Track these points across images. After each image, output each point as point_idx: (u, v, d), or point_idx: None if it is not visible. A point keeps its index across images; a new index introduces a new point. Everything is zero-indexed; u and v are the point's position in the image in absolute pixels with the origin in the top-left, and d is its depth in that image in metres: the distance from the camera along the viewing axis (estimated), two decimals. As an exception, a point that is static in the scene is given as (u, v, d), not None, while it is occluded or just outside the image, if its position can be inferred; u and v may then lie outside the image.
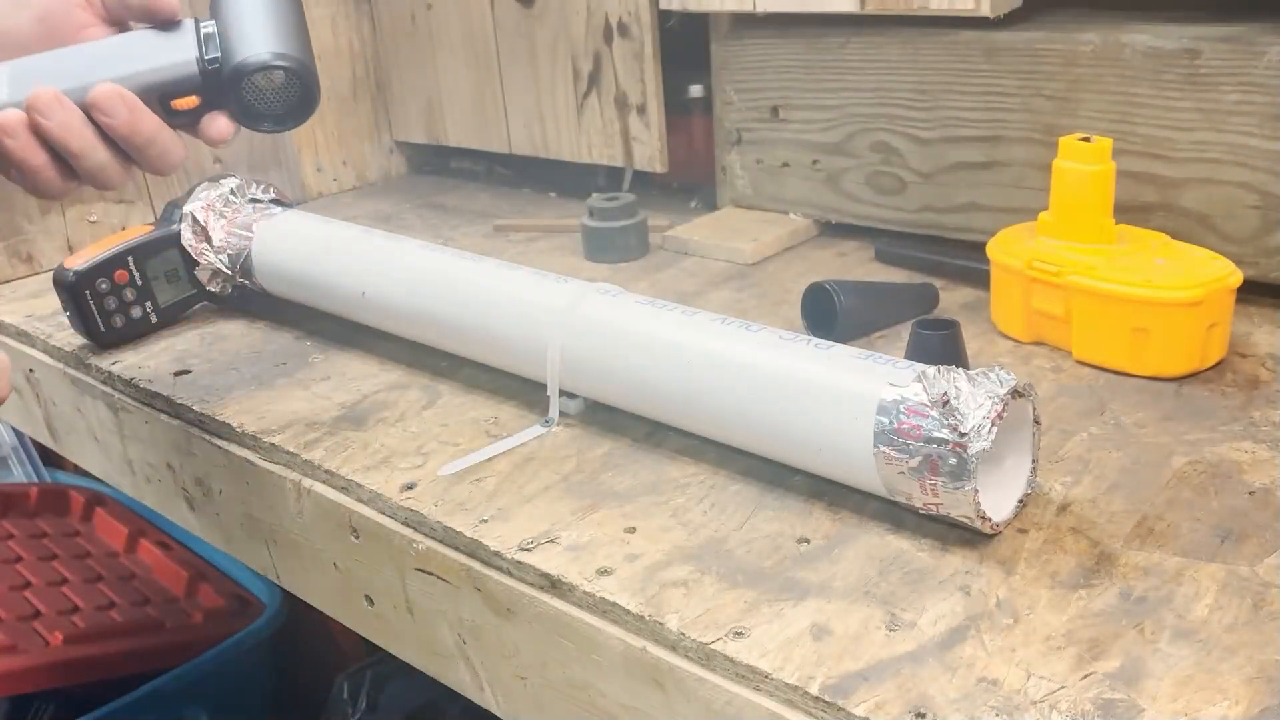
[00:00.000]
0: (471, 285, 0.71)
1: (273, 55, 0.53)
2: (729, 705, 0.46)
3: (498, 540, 0.55)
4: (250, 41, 0.53)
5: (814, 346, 0.57)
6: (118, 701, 1.07)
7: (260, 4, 0.54)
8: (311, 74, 0.54)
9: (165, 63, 0.53)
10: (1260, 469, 0.57)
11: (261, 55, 0.52)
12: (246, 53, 0.53)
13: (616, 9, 1.00)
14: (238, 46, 0.53)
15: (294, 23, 0.55)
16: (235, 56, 0.53)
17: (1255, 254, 0.74)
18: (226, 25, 0.54)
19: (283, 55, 0.53)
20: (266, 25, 0.53)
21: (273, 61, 0.53)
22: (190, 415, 0.73)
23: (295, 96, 0.54)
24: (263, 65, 0.52)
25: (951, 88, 0.85)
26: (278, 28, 0.53)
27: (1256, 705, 0.42)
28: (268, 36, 0.53)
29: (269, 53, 0.53)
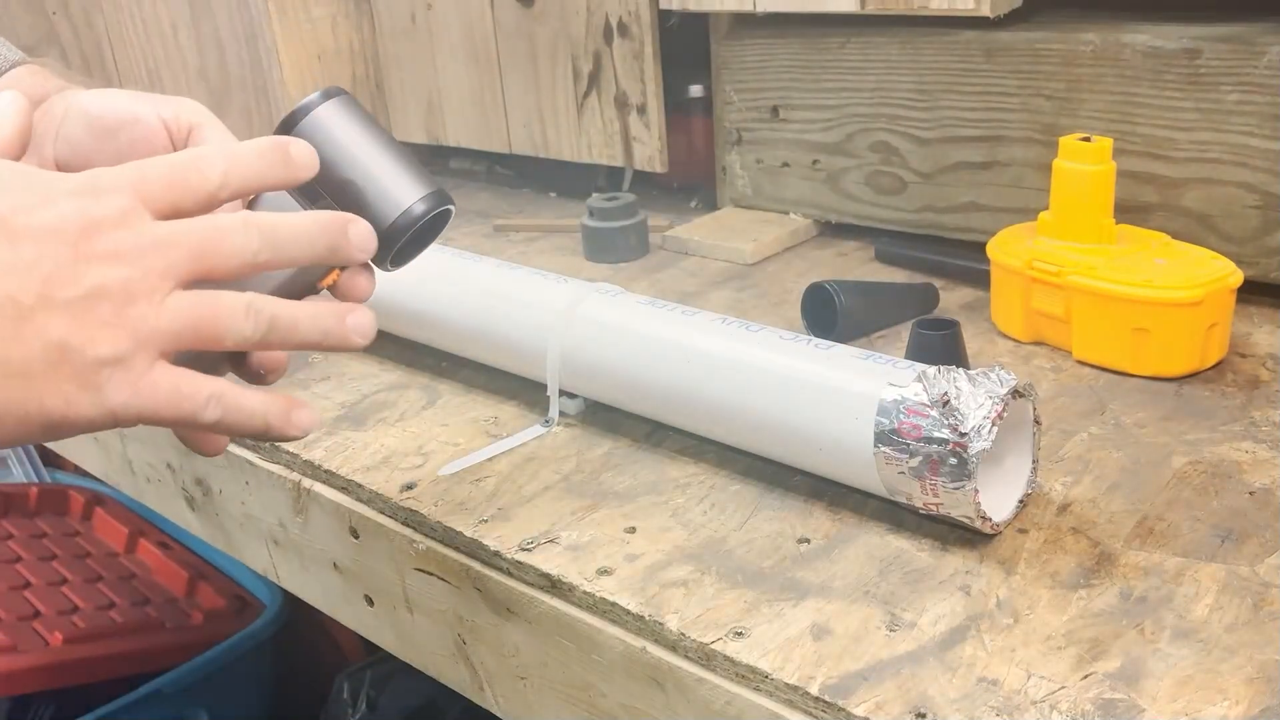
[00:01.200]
0: (471, 285, 0.71)
1: (419, 200, 0.49)
2: (729, 705, 0.46)
3: (498, 540, 0.55)
4: (393, 195, 0.48)
5: (814, 346, 0.57)
6: (118, 701, 1.07)
7: (376, 152, 0.49)
8: (447, 193, 0.51)
9: None
10: (1260, 469, 0.57)
11: (415, 207, 0.48)
12: (394, 210, 0.48)
13: (616, 9, 1.00)
14: (379, 203, 0.48)
15: (406, 154, 0.50)
16: (383, 216, 0.48)
17: (1255, 254, 0.74)
18: (348, 186, 0.48)
19: (426, 196, 0.49)
20: (398, 172, 0.49)
21: (429, 208, 0.49)
22: (190, 415, 0.73)
23: (440, 219, 0.51)
24: (421, 215, 0.49)
25: (951, 88, 0.85)
26: (405, 168, 0.49)
27: (1256, 705, 0.42)
28: (406, 184, 0.49)
29: (417, 199, 0.49)
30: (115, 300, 0.39)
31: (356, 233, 0.45)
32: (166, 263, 0.40)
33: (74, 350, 0.39)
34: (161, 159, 0.42)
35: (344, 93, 0.50)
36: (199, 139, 0.49)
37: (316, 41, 1.18)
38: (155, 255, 0.40)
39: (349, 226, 0.45)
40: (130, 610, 1.18)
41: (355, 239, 0.45)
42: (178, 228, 0.41)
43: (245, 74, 1.17)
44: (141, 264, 0.40)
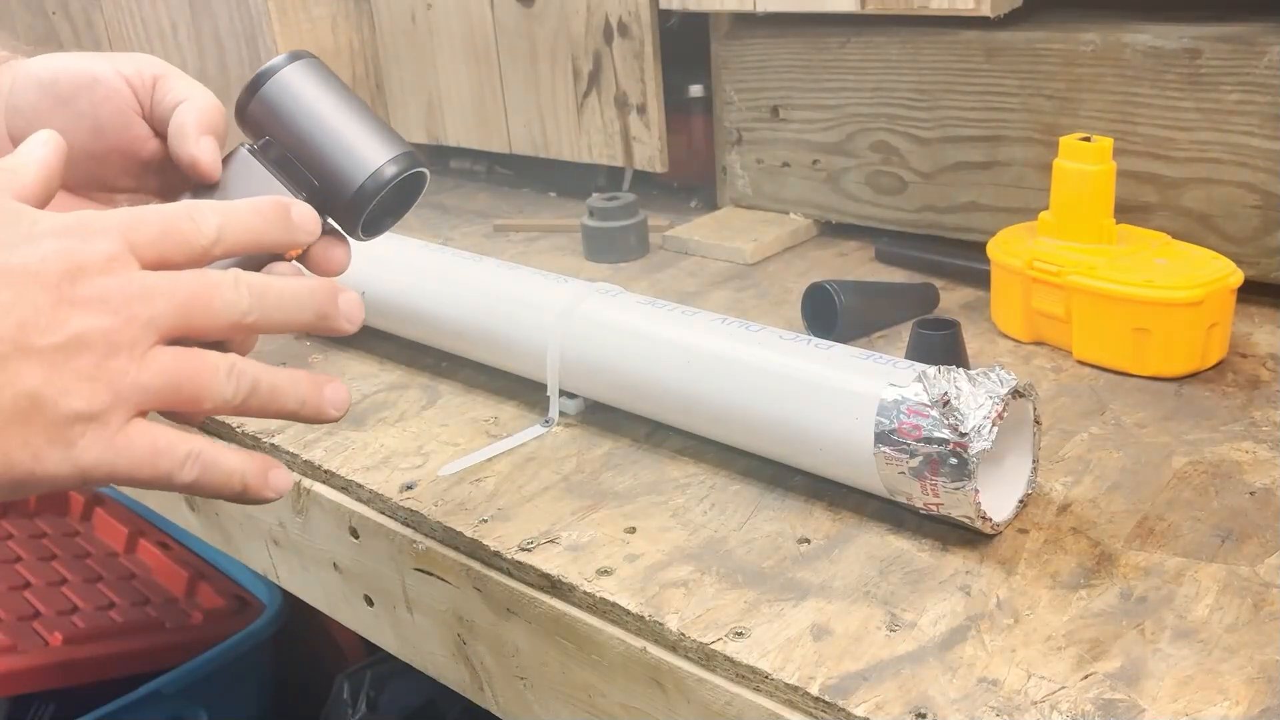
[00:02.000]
0: (471, 285, 0.71)
1: (389, 162, 0.46)
2: (729, 705, 0.46)
3: (498, 540, 0.55)
4: (361, 158, 0.46)
5: (814, 346, 0.57)
6: (118, 701, 1.07)
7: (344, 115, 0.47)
8: (419, 156, 0.48)
9: None
10: (1261, 469, 0.57)
11: (385, 169, 0.46)
12: (363, 172, 0.46)
13: (616, 9, 1.00)
14: (347, 166, 0.46)
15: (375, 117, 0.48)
16: (351, 179, 0.46)
17: (1256, 254, 0.74)
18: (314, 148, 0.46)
19: (396, 158, 0.47)
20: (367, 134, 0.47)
21: (399, 170, 0.47)
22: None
23: (414, 186, 0.49)
24: (391, 178, 0.46)
25: (952, 87, 0.85)
26: (375, 130, 0.47)
27: (1257, 705, 0.42)
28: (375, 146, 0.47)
29: (386, 161, 0.46)
30: (96, 351, 0.37)
31: (346, 301, 0.43)
32: (151, 314, 0.38)
33: (47, 402, 0.36)
34: (155, 207, 0.40)
35: (310, 55, 0.48)
36: (166, 89, 0.47)
37: (316, 41, 1.18)
38: (140, 305, 0.38)
39: (339, 296, 0.43)
40: (130, 610, 1.18)
41: (345, 308, 0.43)
42: (166, 279, 0.39)
43: (245, 74, 1.16)
44: (125, 313, 0.37)
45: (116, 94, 0.47)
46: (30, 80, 0.48)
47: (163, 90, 0.47)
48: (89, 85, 0.47)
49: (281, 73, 0.47)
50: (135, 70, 0.47)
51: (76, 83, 0.47)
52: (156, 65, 0.48)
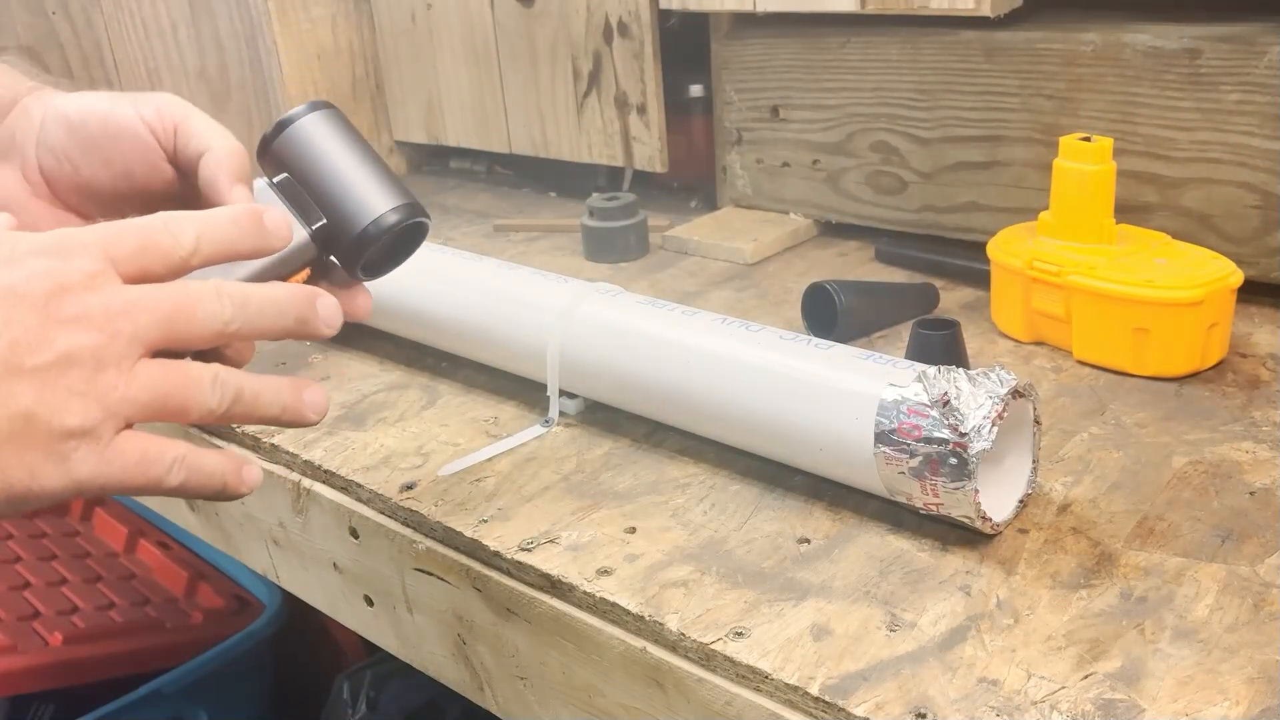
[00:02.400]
0: (471, 285, 0.71)
1: (391, 210, 0.49)
2: (729, 705, 0.46)
3: (498, 540, 0.55)
4: (367, 202, 0.49)
5: (814, 346, 0.57)
6: (118, 701, 1.07)
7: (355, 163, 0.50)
8: (422, 207, 0.51)
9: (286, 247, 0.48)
10: (1261, 469, 0.57)
11: (387, 216, 0.49)
12: (366, 217, 0.49)
13: (616, 9, 1.00)
14: (353, 209, 0.49)
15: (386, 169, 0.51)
16: (355, 221, 0.49)
17: (1256, 254, 0.74)
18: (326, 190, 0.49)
19: (399, 207, 0.49)
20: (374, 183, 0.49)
21: (400, 219, 0.49)
22: (190, 415, 0.73)
23: (415, 235, 0.52)
24: (392, 225, 0.49)
25: (952, 88, 0.85)
26: (382, 180, 0.50)
27: (1257, 705, 0.42)
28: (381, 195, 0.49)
29: (389, 209, 0.49)
30: (85, 368, 0.38)
31: (324, 306, 0.45)
32: (135, 328, 0.39)
33: (41, 420, 0.37)
34: (132, 222, 0.41)
35: (331, 106, 0.51)
36: (187, 133, 0.48)
37: (316, 41, 1.18)
38: (125, 320, 0.39)
39: (317, 301, 0.45)
40: (130, 610, 1.18)
41: (323, 313, 0.45)
42: (148, 293, 0.39)
43: (245, 74, 1.17)
44: (110, 329, 0.38)
45: (142, 143, 0.49)
46: (60, 120, 0.50)
47: (185, 135, 0.49)
48: (115, 133, 0.48)
49: (306, 119, 0.50)
50: (157, 114, 0.49)
51: (105, 129, 0.49)
52: (178, 109, 0.49)
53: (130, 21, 1.17)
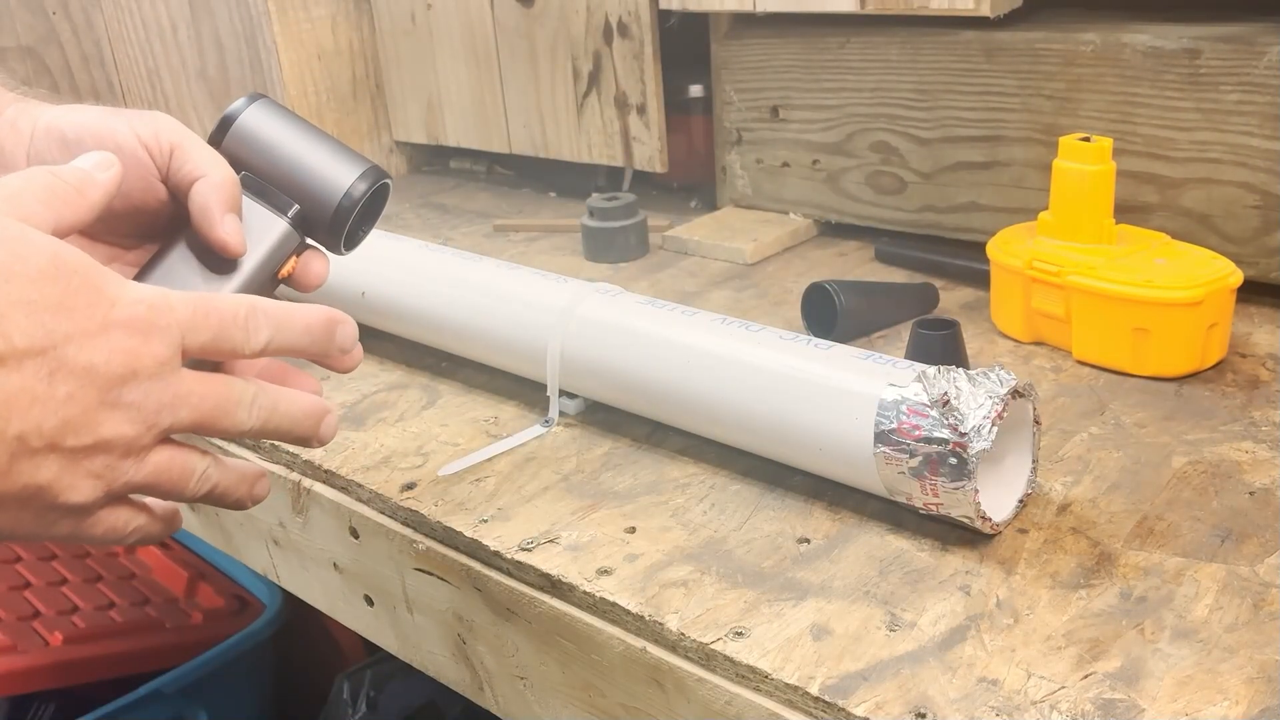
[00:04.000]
0: (471, 285, 0.71)
1: (357, 180, 0.50)
2: (729, 705, 0.46)
3: (498, 540, 0.55)
4: (333, 179, 0.50)
5: (814, 346, 0.57)
6: (118, 701, 1.07)
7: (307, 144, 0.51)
8: (381, 169, 0.52)
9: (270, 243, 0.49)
10: (1260, 469, 0.57)
11: (355, 187, 0.50)
12: (336, 194, 0.50)
13: (616, 9, 1.00)
14: (322, 188, 0.50)
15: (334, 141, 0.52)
16: (328, 199, 0.50)
17: (1255, 254, 0.74)
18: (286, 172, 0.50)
19: (363, 175, 0.50)
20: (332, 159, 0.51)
21: (368, 186, 0.50)
22: (190, 415, 0.73)
23: (380, 196, 0.53)
24: (363, 194, 0.50)
25: (951, 88, 0.85)
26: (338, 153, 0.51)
27: (1256, 705, 0.42)
28: (342, 168, 0.50)
29: (355, 179, 0.50)
30: (113, 454, 0.39)
31: (326, 425, 0.46)
32: (172, 422, 0.40)
33: (50, 494, 0.38)
34: (217, 308, 0.41)
35: (263, 96, 0.52)
36: (183, 157, 0.49)
37: (316, 41, 1.18)
38: (168, 414, 0.40)
39: (325, 418, 0.46)
40: (130, 610, 1.18)
41: (324, 431, 0.46)
42: (197, 388, 0.41)
43: (245, 74, 1.17)
44: (151, 422, 0.39)
45: (138, 163, 0.49)
46: (54, 135, 0.49)
47: (179, 160, 0.49)
48: (113, 152, 0.48)
49: (246, 113, 0.51)
50: (153, 136, 0.49)
51: (102, 147, 0.48)
52: (174, 132, 0.49)
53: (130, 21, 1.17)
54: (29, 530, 0.39)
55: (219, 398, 0.41)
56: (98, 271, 0.39)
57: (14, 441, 0.36)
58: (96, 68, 1.17)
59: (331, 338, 0.45)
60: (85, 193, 0.42)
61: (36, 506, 0.38)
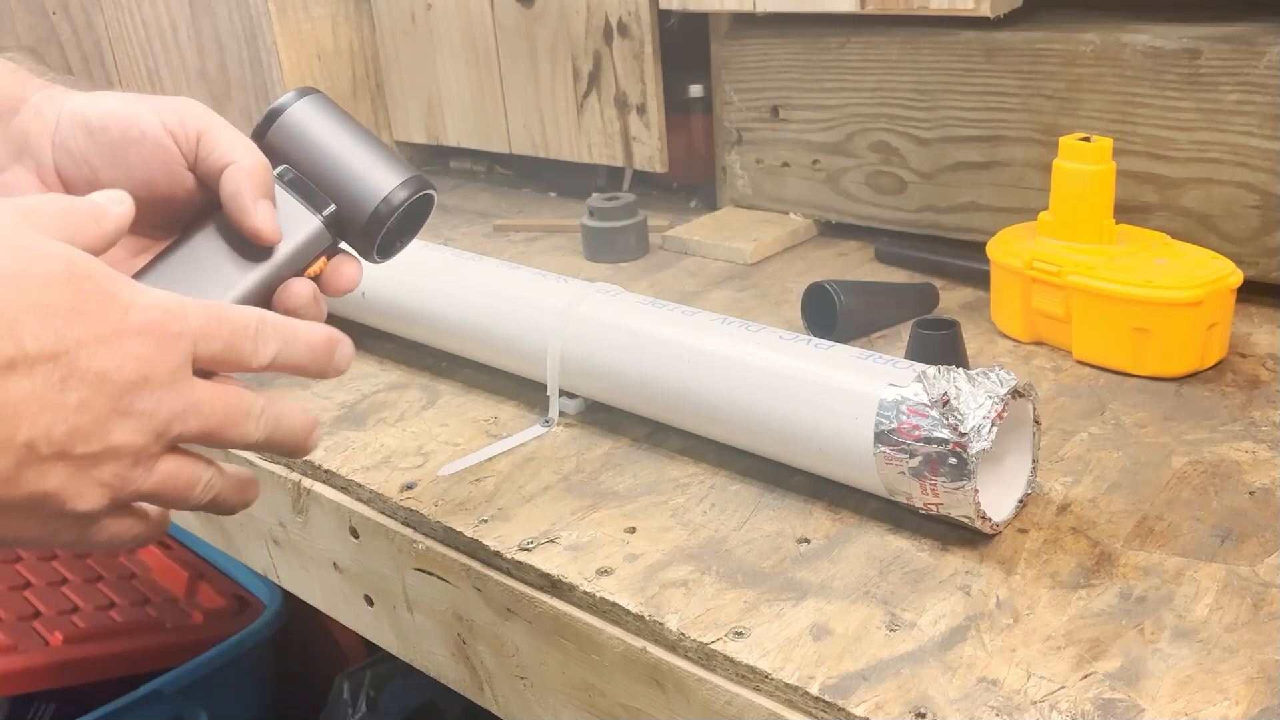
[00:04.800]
0: (471, 285, 0.71)
1: (399, 187, 0.49)
2: (729, 705, 0.46)
3: (498, 540, 0.55)
4: (373, 183, 0.48)
5: (814, 346, 0.57)
6: (118, 701, 1.07)
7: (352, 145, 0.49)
8: (426, 179, 0.51)
9: (301, 239, 0.48)
10: (1260, 469, 0.57)
11: (395, 194, 0.48)
12: (375, 198, 0.48)
13: (616, 9, 1.00)
14: (360, 191, 0.48)
15: (382, 145, 0.51)
16: (366, 203, 0.48)
17: (1255, 254, 0.74)
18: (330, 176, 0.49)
19: (405, 182, 0.49)
20: (376, 162, 0.49)
21: (409, 194, 0.49)
22: (190, 415, 0.73)
23: (423, 207, 0.51)
24: (402, 202, 0.48)
25: (951, 88, 0.85)
26: (382, 158, 0.49)
27: (1256, 705, 0.42)
28: (384, 173, 0.49)
29: (396, 186, 0.48)
30: (122, 463, 0.39)
31: (314, 439, 0.46)
32: (181, 431, 0.40)
33: (56, 501, 0.38)
34: (228, 319, 0.41)
35: (316, 91, 0.51)
36: (211, 143, 0.48)
37: (316, 41, 1.18)
38: (178, 423, 0.40)
39: (313, 432, 0.46)
40: (130, 610, 1.18)
41: (312, 443, 0.46)
42: (207, 398, 0.40)
43: (245, 74, 1.17)
44: (162, 430, 0.39)
45: (165, 150, 0.48)
46: (79, 122, 0.48)
47: (208, 146, 0.48)
48: (138, 140, 0.48)
49: (295, 106, 0.50)
50: (179, 122, 0.48)
51: (126, 134, 0.48)
52: (200, 117, 0.48)
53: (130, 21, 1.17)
54: (34, 537, 0.39)
55: (229, 408, 0.41)
56: (111, 277, 0.39)
57: (22, 449, 0.36)
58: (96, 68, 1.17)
59: (331, 357, 0.45)
60: (100, 221, 0.42)
61: (42, 514, 0.38)
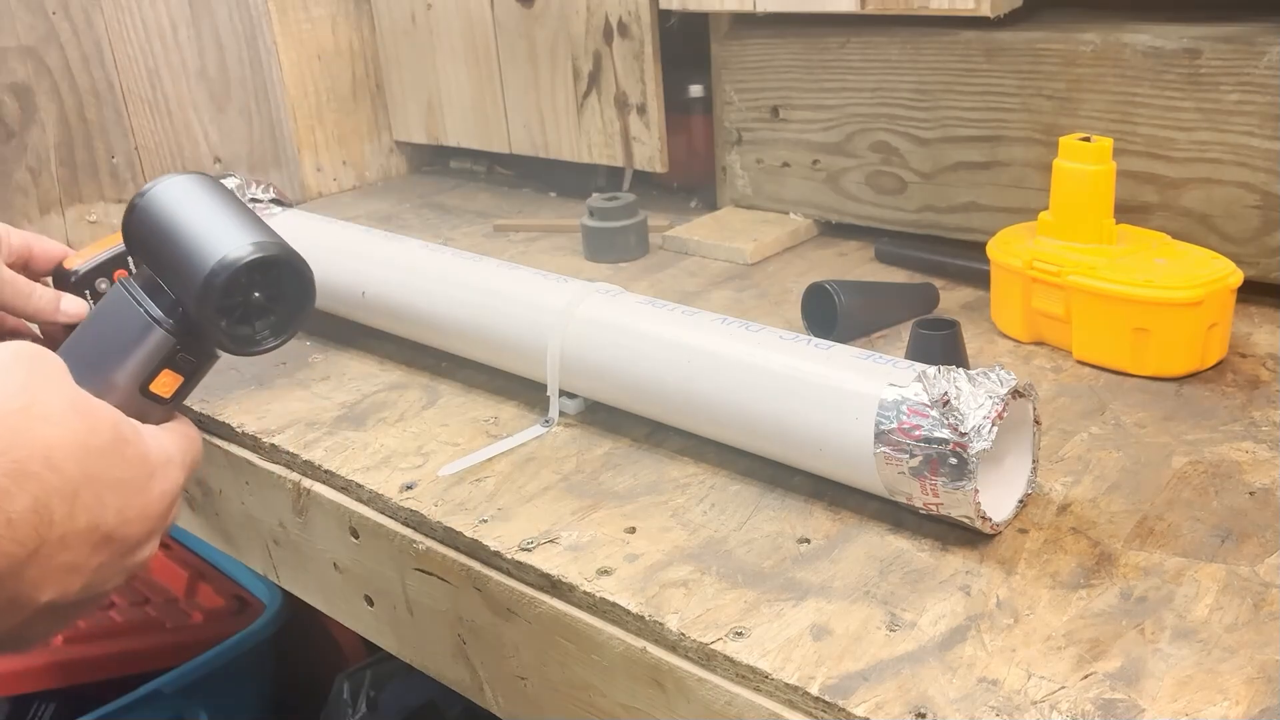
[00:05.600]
0: (471, 285, 0.71)
1: (237, 248, 0.41)
2: (729, 705, 0.46)
3: (498, 540, 0.55)
4: (208, 253, 0.41)
5: (814, 346, 0.57)
6: (118, 701, 1.07)
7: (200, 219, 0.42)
8: (283, 248, 0.43)
9: (130, 339, 0.42)
10: (1260, 469, 0.57)
11: (230, 257, 0.40)
12: (204, 267, 0.41)
13: (616, 9, 1.00)
14: (195, 270, 0.41)
15: (241, 218, 0.43)
16: (196, 277, 0.41)
17: (1255, 254, 0.74)
18: (170, 259, 0.42)
19: (255, 244, 0.42)
20: (220, 231, 0.42)
21: (243, 256, 0.41)
22: (190, 415, 0.73)
23: (291, 277, 0.43)
24: (238, 264, 0.41)
25: (951, 88, 0.85)
26: (233, 227, 0.42)
27: (1256, 705, 0.42)
28: (227, 240, 0.41)
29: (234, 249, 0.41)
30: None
31: None
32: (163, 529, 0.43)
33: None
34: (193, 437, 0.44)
35: (184, 175, 0.47)
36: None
37: (316, 41, 1.18)
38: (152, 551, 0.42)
39: None
40: (130, 610, 1.18)
41: None
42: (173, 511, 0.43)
43: (245, 74, 1.16)
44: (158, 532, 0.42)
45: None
46: None
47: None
48: None
49: (146, 196, 0.45)
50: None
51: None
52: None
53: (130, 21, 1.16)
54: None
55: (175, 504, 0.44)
56: (138, 435, 0.41)
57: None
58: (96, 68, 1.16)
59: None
60: None
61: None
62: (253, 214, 0.45)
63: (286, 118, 1.17)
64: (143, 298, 0.43)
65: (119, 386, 0.43)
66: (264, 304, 0.44)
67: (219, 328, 0.43)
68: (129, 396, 0.43)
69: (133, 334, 0.43)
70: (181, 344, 0.44)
